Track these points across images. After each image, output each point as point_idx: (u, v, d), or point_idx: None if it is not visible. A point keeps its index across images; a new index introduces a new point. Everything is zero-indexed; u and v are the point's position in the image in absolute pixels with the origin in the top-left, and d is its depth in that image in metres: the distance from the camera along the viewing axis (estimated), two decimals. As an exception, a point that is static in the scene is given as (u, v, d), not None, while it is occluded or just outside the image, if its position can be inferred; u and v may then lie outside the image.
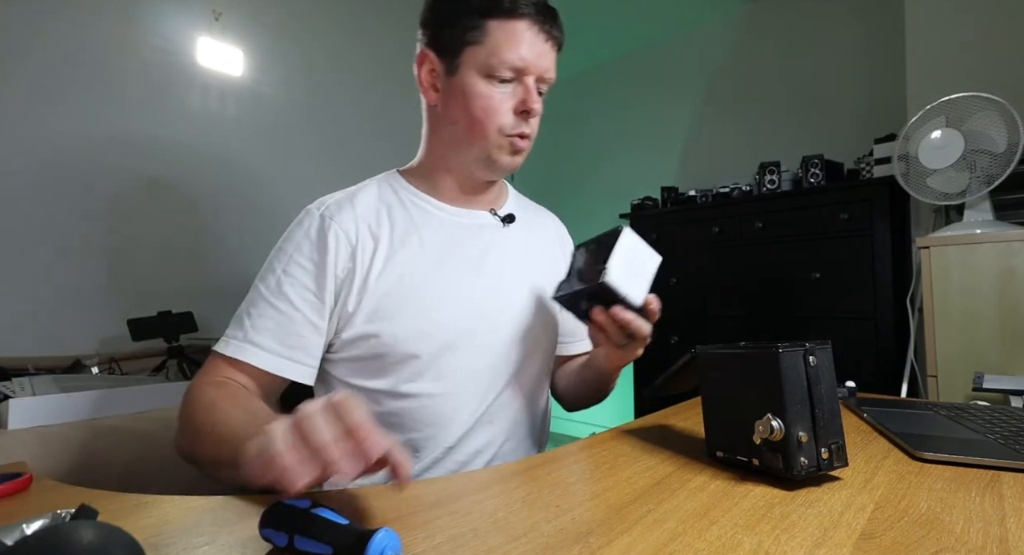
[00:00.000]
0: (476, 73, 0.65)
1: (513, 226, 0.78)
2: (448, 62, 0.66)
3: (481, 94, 0.65)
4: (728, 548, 0.34)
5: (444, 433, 0.66)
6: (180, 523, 0.39)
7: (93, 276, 1.78)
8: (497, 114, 0.65)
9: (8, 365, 1.46)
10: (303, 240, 0.66)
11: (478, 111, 0.65)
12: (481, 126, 0.66)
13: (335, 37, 2.52)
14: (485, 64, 0.64)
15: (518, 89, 0.66)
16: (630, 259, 0.60)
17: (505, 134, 0.67)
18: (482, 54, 0.64)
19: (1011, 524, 0.37)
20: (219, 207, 2.11)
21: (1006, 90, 1.38)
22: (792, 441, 0.43)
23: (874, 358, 1.85)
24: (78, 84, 1.77)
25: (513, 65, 0.64)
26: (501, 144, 0.67)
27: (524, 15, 0.63)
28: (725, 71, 2.84)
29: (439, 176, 0.73)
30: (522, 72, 0.65)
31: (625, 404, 2.64)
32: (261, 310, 0.63)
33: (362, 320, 0.64)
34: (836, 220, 1.96)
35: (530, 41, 0.64)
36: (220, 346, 0.62)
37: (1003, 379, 1.17)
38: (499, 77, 0.64)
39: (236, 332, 0.62)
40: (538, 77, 0.66)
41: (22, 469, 0.50)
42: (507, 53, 0.63)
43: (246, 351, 0.61)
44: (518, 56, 0.63)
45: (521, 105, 0.66)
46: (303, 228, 0.67)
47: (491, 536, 0.36)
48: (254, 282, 0.66)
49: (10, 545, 0.26)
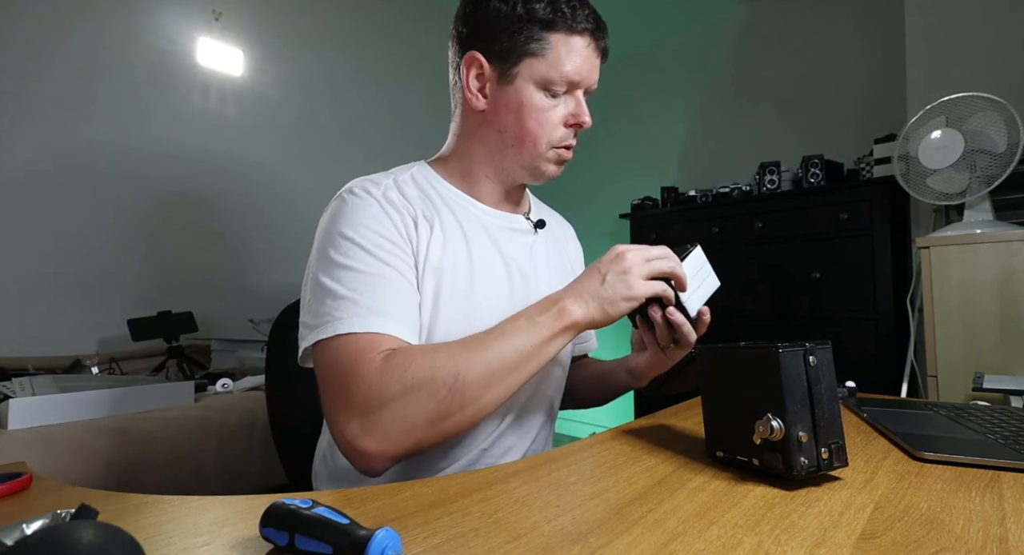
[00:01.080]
0: (534, 84, 0.65)
1: (541, 231, 0.79)
2: (502, 70, 0.65)
3: (538, 106, 0.65)
4: (728, 548, 0.34)
5: (481, 433, 0.66)
6: (180, 523, 0.39)
7: (93, 276, 1.79)
8: (550, 126, 0.66)
9: (8, 365, 1.46)
10: (381, 214, 0.62)
11: (532, 123, 0.65)
12: (533, 138, 0.66)
13: (335, 37, 2.52)
14: (544, 77, 0.64)
15: (569, 102, 0.67)
16: (695, 272, 0.63)
17: (554, 146, 0.67)
18: (542, 67, 0.64)
19: (1011, 524, 0.37)
20: (219, 207, 2.12)
21: (1006, 90, 1.38)
22: (792, 441, 0.43)
23: (874, 358, 1.85)
24: (78, 85, 1.77)
25: (571, 80, 0.65)
26: (549, 155, 0.68)
27: (584, 31, 0.64)
28: (725, 71, 2.84)
29: (477, 178, 0.72)
30: (576, 86, 0.66)
31: (625, 404, 2.64)
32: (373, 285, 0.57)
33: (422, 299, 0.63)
34: (836, 220, 1.96)
35: (586, 56, 0.65)
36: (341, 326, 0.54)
37: (1003, 379, 1.17)
38: (555, 90, 0.65)
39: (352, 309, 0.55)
40: (589, 88, 0.68)
41: (22, 469, 0.50)
42: (567, 68, 0.64)
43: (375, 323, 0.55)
44: (576, 71, 0.64)
45: (573, 118, 0.67)
46: (374, 204, 0.62)
47: (491, 536, 0.36)
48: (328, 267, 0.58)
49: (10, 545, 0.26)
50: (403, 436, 0.51)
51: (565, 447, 0.59)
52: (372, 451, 0.51)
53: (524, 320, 0.56)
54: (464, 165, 0.72)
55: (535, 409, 0.72)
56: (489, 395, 0.54)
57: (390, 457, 0.52)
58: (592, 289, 0.57)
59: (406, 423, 0.51)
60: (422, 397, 0.51)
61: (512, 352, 0.54)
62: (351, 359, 0.53)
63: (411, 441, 0.52)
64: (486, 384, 0.53)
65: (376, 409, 0.51)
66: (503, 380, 0.54)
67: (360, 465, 0.52)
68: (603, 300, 0.56)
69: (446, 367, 0.52)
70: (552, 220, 0.85)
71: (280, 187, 2.27)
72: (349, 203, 0.63)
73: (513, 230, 0.74)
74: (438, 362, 0.53)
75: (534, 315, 0.56)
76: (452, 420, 0.53)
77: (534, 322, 0.56)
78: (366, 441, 0.51)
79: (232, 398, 1.40)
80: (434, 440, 0.53)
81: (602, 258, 0.59)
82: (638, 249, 0.58)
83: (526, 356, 0.55)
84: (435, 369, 0.52)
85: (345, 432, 0.52)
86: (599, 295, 0.57)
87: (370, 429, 0.51)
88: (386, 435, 0.51)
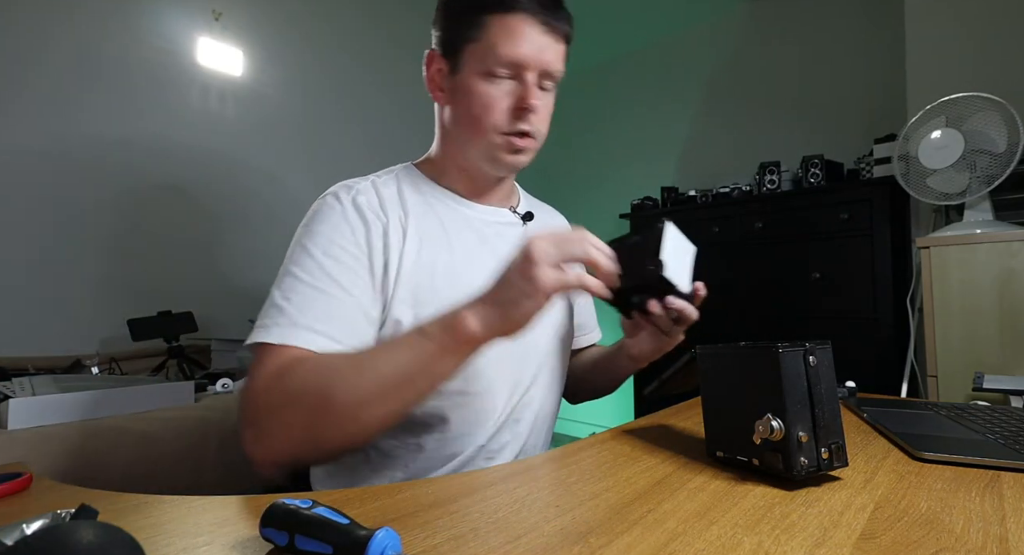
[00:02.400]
0: (475, 71, 0.64)
1: (531, 223, 0.79)
2: (452, 61, 0.66)
3: (479, 93, 0.64)
4: (728, 548, 0.34)
5: (479, 430, 0.66)
6: (180, 523, 0.39)
7: (93, 276, 1.79)
8: (494, 113, 0.64)
9: (8, 365, 1.46)
10: (340, 221, 0.62)
11: (476, 110, 0.64)
12: (480, 125, 0.65)
13: (335, 36, 2.52)
14: (483, 61, 0.63)
15: (517, 86, 0.64)
16: (675, 250, 0.61)
17: (502, 132, 0.65)
18: (480, 51, 0.63)
19: (1011, 524, 0.37)
20: (219, 207, 2.12)
21: (1006, 90, 1.38)
22: (792, 441, 0.43)
23: (874, 358, 1.85)
24: (78, 84, 1.77)
25: (510, 61, 0.62)
26: (500, 143, 0.66)
27: (521, 8, 0.62)
28: (725, 71, 2.84)
29: (454, 173, 0.73)
30: (520, 68, 0.63)
31: (625, 404, 2.63)
32: (306, 295, 0.57)
33: (398, 306, 0.62)
34: (836, 220, 1.96)
35: (528, 35, 0.62)
36: (260, 335, 0.55)
37: (1003, 379, 1.17)
38: (497, 74, 0.63)
39: (277, 318, 0.55)
40: (541, 72, 0.64)
41: (22, 469, 0.50)
42: (503, 49, 0.61)
43: (300, 336, 0.54)
44: (514, 52, 0.62)
45: (519, 102, 0.64)
46: (336, 210, 0.63)
47: (491, 536, 0.36)
48: (282, 271, 0.60)
49: (10, 545, 0.26)
50: (283, 447, 0.51)
51: (565, 447, 0.59)
52: (258, 459, 0.51)
53: (416, 334, 0.50)
54: (443, 163, 0.73)
55: (532, 407, 0.72)
56: (365, 416, 0.49)
57: (276, 465, 0.51)
58: (495, 294, 0.49)
59: (283, 435, 0.50)
60: (296, 413, 0.50)
61: (393, 372, 0.49)
62: (255, 368, 0.54)
63: (291, 454, 0.51)
64: (358, 405, 0.49)
65: (260, 419, 0.51)
66: (380, 402, 0.49)
67: (256, 468, 0.52)
68: (505, 304, 0.48)
69: (319, 384, 0.49)
70: (542, 212, 0.85)
71: (280, 187, 2.27)
72: (318, 210, 0.65)
73: (500, 224, 0.74)
74: (312, 379, 0.50)
75: (427, 327, 0.50)
76: (329, 437, 0.50)
77: (424, 336, 0.49)
78: (254, 448, 0.51)
79: (232, 398, 1.40)
80: (319, 455, 0.52)
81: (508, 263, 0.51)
82: (546, 237, 0.49)
83: (409, 377, 0.49)
84: (308, 385, 0.50)
85: (242, 436, 0.52)
86: (501, 299, 0.48)
87: (256, 437, 0.51)
88: (268, 446, 0.51)
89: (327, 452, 0.52)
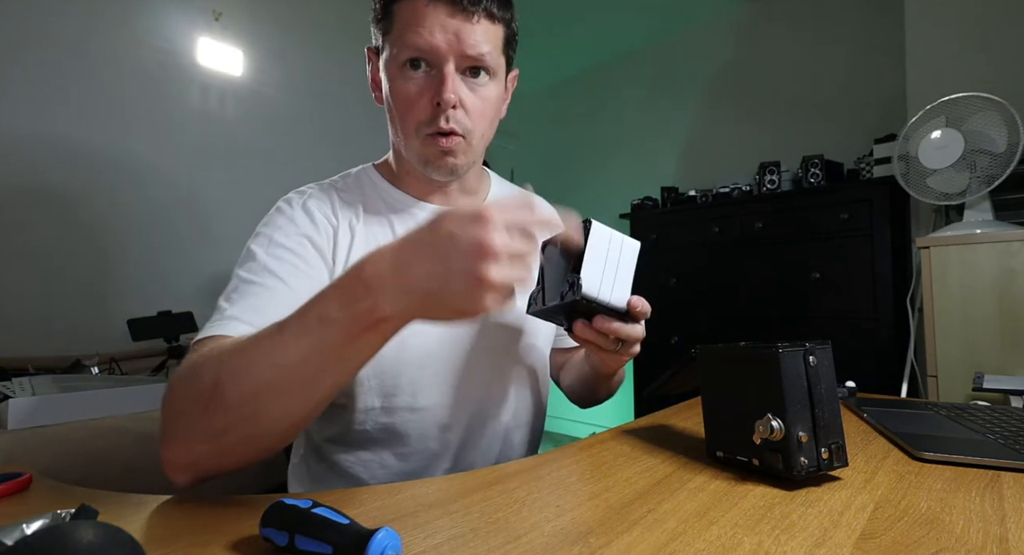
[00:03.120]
0: (391, 64, 0.59)
1: None
2: (378, 59, 0.64)
3: (396, 89, 0.60)
4: (728, 548, 0.34)
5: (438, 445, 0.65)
6: (180, 523, 0.39)
7: (93, 276, 1.79)
8: (411, 109, 0.59)
9: (8, 365, 1.46)
10: (286, 223, 0.61)
11: (398, 108, 0.60)
12: (403, 124, 0.61)
13: (335, 36, 2.52)
14: (395, 53, 0.58)
15: (435, 79, 0.58)
16: (604, 256, 0.51)
17: (426, 133, 0.60)
18: (391, 42, 0.59)
19: (1011, 524, 0.37)
20: (219, 207, 2.12)
21: (1006, 90, 1.38)
22: (792, 441, 0.43)
23: (874, 358, 1.85)
24: (78, 84, 1.77)
25: (418, 49, 0.56)
26: (424, 143, 0.60)
27: None
28: (725, 71, 2.84)
29: (403, 174, 0.70)
30: (434, 56, 0.57)
31: (625, 404, 2.63)
32: (243, 291, 0.55)
33: None
34: (836, 220, 1.96)
35: (435, 18, 0.56)
36: (197, 337, 0.52)
37: (1003, 379, 1.17)
38: (412, 67, 0.58)
39: (214, 317, 0.53)
40: (460, 59, 0.57)
41: (22, 469, 0.50)
42: (409, 37, 0.56)
43: (226, 326, 0.50)
44: (421, 39, 0.56)
45: (434, 96, 0.57)
46: (285, 213, 0.63)
47: (491, 536, 0.36)
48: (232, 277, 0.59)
49: (10, 545, 0.26)
50: (184, 448, 0.43)
51: (565, 447, 0.59)
52: (164, 458, 0.44)
53: (314, 317, 0.41)
54: (394, 163, 0.71)
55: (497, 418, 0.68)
56: (265, 411, 0.41)
57: (181, 469, 0.44)
58: (421, 283, 0.38)
59: (181, 432, 0.43)
60: (188, 405, 0.43)
61: (294, 359, 0.41)
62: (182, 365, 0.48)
63: (191, 454, 0.43)
64: (251, 396, 0.41)
65: (164, 417, 0.45)
66: (276, 395, 0.41)
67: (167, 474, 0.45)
68: (434, 304, 0.39)
69: (209, 373, 0.42)
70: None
71: (280, 187, 2.26)
72: (270, 215, 0.64)
73: None
74: (205, 366, 0.43)
75: (329, 309, 0.40)
76: (231, 435, 0.42)
77: (325, 323, 0.40)
78: (161, 450, 0.44)
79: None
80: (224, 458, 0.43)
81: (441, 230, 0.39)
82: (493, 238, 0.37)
83: (315, 365, 0.41)
84: (199, 374, 0.43)
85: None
86: (432, 295, 0.39)
87: (161, 437, 0.44)
88: (168, 446, 0.44)
89: (234, 455, 0.44)
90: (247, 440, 0.43)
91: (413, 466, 0.64)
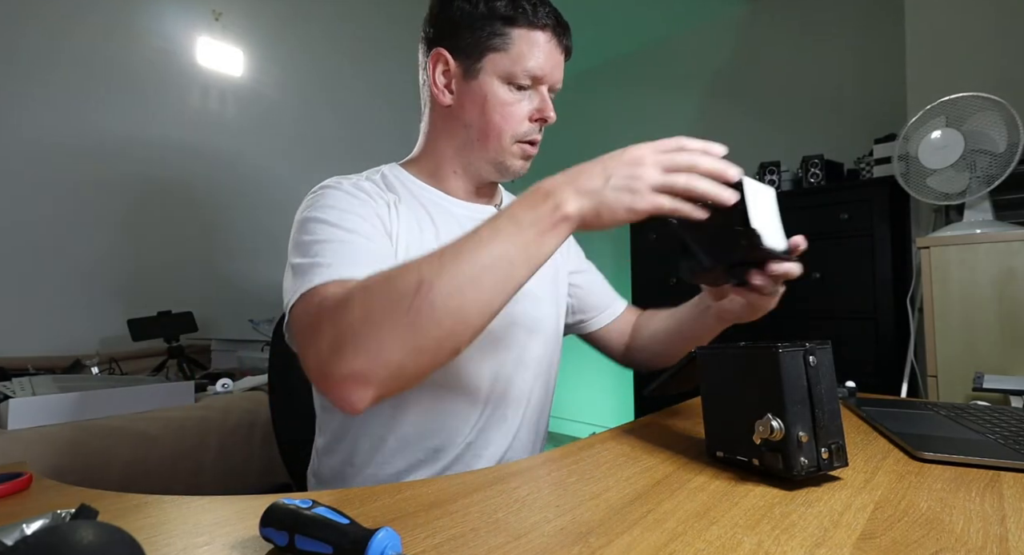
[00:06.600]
0: (497, 79, 0.66)
1: None
2: (467, 65, 0.67)
3: (502, 100, 0.67)
4: (728, 548, 0.34)
5: (465, 427, 0.67)
6: (180, 523, 0.39)
7: (93, 276, 1.79)
8: (515, 120, 0.68)
9: (8, 365, 1.46)
10: (343, 196, 0.62)
11: (497, 117, 0.67)
12: (498, 131, 0.67)
13: (335, 36, 2.52)
14: (508, 71, 0.66)
15: (534, 97, 0.68)
16: (760, 207, 0.53)
17: (518, 140, 0.69)
18: (505, 61, 0.66)
19: (1011, 524, 0.37)
20: (219, 207, 2.12)
21: (1006, 90, 1.38)
22: (792, 441, 0.43)
23: (874, 358, 1.85)
24: (77, 84, 1.77)
25: (533, 74, 0.66)
26: (513, 150, 0.69)
27: (546, 27, 0.66)
28: (726, 71, 2.84)
29: (445, 175, 0.73)
30: (539, 81, 0.67)
31: (625, 404, 2.63)
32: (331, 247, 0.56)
33: None
34: (836, 220, 1.96)
35: (548, 52, 0.67)
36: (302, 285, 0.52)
37: (1003, 379, 1.17)
38: (518, 84, 0.67)
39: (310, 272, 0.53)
40: (554, 84, 0.69)
41: (22, 469, 0.50)
42: (529, 62, 0.66)
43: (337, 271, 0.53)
44: (538, 65, 0.66)
45: (538, 113, 0.68)
46: (342, 188, 0.64)
47: (491, 536, 0.36)
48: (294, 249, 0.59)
49: (10, 545, 0.26)
50: (376, 357, 0.46)
51: (565, 447, 0.59)
52: (347, 376, 0.46)
53: (506, 220, 0.48)
54: (433, 162, 0.73)
55: (520, 405, 0.72)
56: (468, 304, 0.46)
57: (371, 383, 0.46)
58: (592, 186, 0.48)
59: (376, 340, 0.46)
60: (387, 310, 0.46)
61: (493, 257, 0.47)
62: (315, 306, 0.51)
63: (386, 362, 0.46)
64: (459, 293, 0.45)
65: (345, 339, 0.46)
66: (485, 287, 0.46)
67: (340, 400, 0.47)
68: (602, 204, 0.48)
69: (407, 278, 0.46)
70: None
71: (280, 187, 2.27)
72: (320, 194, 0.64)
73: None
74: (397, 276, 0.47)
75: (517, 213, 0.48)
76: (433, 333, 0.46)
77: (518, 222, 0.48)
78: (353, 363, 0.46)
79: (232, 398, 1.40)
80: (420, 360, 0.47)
81: (611, 154, 0.51)
82: (656, 152, 0.50)
83: (511, 260, 0.47)
84: (394, 282, 0.47)
85: (318, 370, 0.48)
86: (600, 197, 0.48)
87: (340, 360, 0.46)
88: (355, 357, 0.46)
89: (427, 356, 0.47)
90: (447, 337, 0.47)
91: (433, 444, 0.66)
